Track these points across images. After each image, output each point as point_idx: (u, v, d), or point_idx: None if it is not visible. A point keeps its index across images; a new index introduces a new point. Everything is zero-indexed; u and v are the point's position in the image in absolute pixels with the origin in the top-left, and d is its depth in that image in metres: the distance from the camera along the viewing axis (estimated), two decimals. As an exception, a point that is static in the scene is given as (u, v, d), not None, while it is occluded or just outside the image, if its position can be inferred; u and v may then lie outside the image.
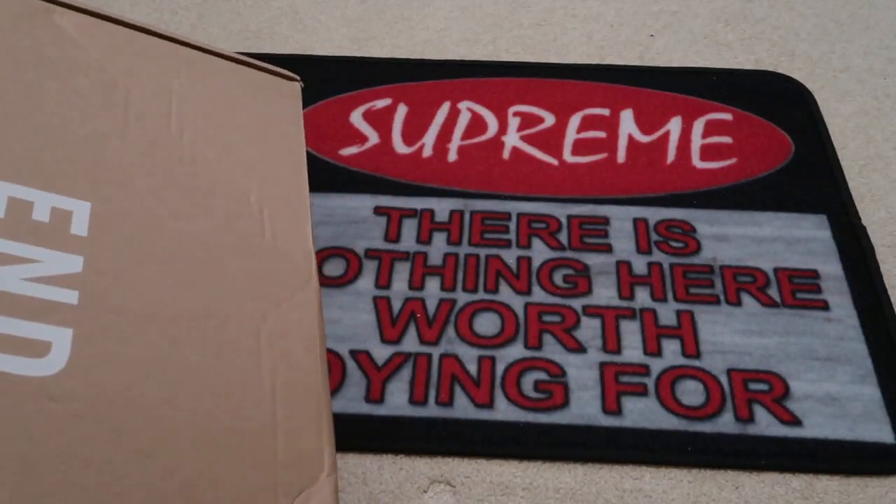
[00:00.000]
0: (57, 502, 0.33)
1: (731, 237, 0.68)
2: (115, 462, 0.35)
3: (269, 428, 0.41)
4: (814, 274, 0.65)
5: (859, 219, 0.69)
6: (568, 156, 0.75)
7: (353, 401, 0.58)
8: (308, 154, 0.75)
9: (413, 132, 0.77)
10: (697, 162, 0.74)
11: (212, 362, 0.42)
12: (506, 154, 0.75)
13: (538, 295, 0.64)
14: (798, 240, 0.68)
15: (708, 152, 0.75)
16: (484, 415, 0.57)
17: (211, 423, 0.40)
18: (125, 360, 0.39)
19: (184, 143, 0.51)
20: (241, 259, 0.48)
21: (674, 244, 0.67)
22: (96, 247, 0.41)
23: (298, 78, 0.66)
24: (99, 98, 0.49)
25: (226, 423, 0.40)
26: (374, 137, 0.76)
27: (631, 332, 0.62)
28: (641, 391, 0.58)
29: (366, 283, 0.65)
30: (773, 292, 0.64)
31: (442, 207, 0.70)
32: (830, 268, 0.65)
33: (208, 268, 0.46)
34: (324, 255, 0.67)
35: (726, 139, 0.77)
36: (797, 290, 0.64)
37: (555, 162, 0.74)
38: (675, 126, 0.78)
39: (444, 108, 0.80)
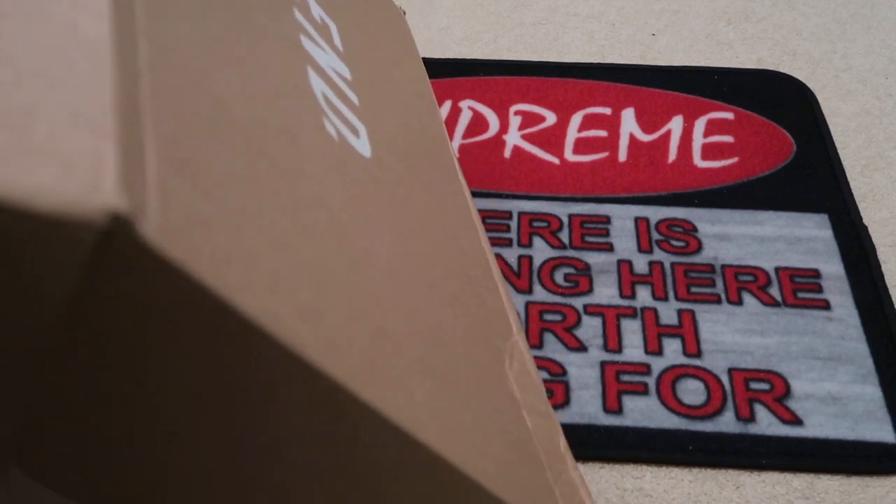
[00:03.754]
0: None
1: (733, 236, 0.68)
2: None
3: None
4: (815, 273, 0.65)
5: (861, 218, 0.69)
6: (569, 154, 0.75)
7: (353, 399, 0.58)
8: (309, 152, 0.75)
9: (414, 131, 0.77)
10: (699, 161, 0.74)
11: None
12: (507, 153, 0.75)
13: (539, 294, 0.64)
14: (799, 239, 0.68)
15: (709, 151, 0.75)
16: (485, 413, 0.57)
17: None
18: (401, 166, 0.45)
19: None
20: None
21: (675, 243, 0.67)
22: (351, 61, 0.47)
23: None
24: None
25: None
26: (375, 136, 0.76)
27: (632, 332, 0.61)
28: (642, 390, 0.58)
29: (367, 281, 0.65)
30: (775, 291, 0.64)
31: (443, 206, 0.70)
32: (832, 267, 0.65)
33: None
34: (325, 253, 0.67)
35: (728, 138, 0.77)
36: (798, 289, 0.64)
37: (556, 161, 0.74)
38: (676, 125, 0.78)
39: (446, 107, 0.79)
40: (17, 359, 0.25)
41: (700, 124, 0.78)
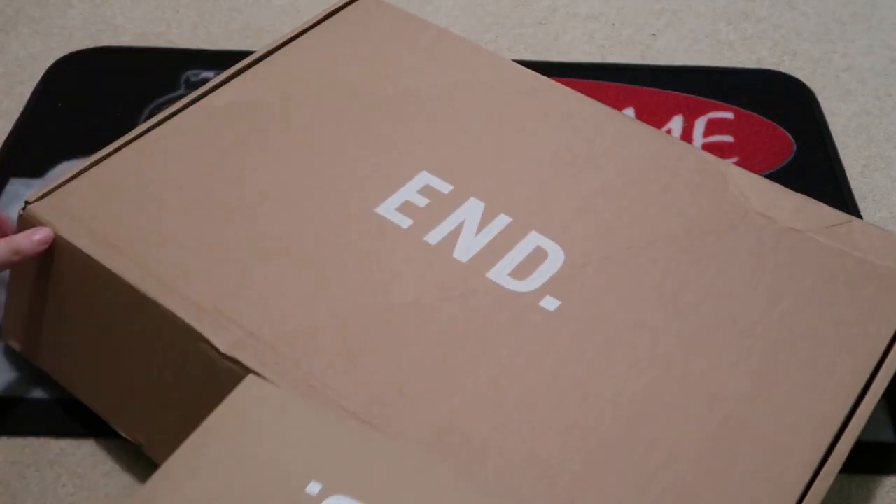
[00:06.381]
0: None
1: (733, 236, 0.68)
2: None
3: None
4: (815, 273, 0.65)
5: (861, 218, 0.69)
6: (569, 154, 0.75)
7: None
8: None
9: (414, 130, 0.77)
10: (699, 161, 0.74)
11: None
12: (507, 152, 0.75)
13: (539, 293, 0.64)
14: (799, 239, 0.67)
15: (709, 151, 0.75)
16: (485, 413, 0.57)
17: None
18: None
19: None
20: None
21: (675, 243, 0.67)
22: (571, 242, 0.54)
23: None
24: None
25: None
26: (375, 136, 0.76)
27: (632, 331, 0.61)
28: (642, 390, 0.58)
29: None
30: (775, 291, 0.64)
31: (443, 206, 0.70)
32: (832, 267, 0.65)
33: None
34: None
35: (728, 138, 0.77)
36: (798, 289, 0.64)
37: (556, 160, 0.74)
38: (676, 125, 0.78)
39: (446, 107, 0.79)
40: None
41: (700, 124, 0.78)
